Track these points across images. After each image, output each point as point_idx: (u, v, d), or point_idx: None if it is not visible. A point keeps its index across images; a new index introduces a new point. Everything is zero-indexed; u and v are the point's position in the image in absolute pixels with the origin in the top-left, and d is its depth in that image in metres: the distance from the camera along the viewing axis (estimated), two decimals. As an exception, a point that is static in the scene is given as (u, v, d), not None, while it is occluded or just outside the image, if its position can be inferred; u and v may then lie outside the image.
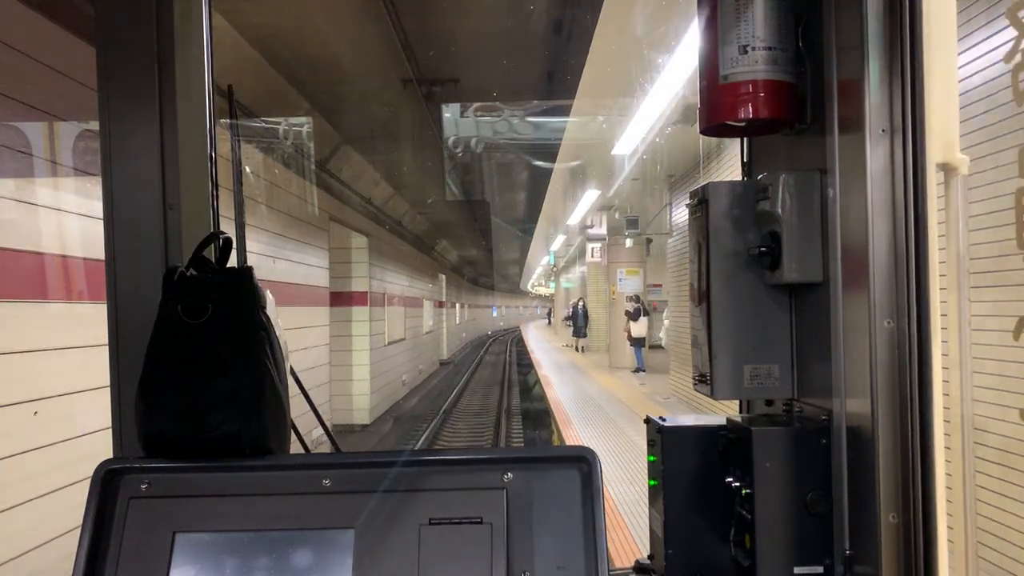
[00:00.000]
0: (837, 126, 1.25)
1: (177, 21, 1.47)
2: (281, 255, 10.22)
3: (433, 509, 1.15)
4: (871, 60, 1.16)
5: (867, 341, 1.17)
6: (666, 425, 1.47)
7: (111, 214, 1.45)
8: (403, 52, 8.82)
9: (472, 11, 7.98)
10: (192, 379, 1.22)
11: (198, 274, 1.27)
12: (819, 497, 1.28)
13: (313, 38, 8.49)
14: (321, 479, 1.19)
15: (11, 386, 4.00)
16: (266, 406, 1.25)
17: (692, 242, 1.49)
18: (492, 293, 69.87)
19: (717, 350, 1.40)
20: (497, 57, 9.29)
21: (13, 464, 3.96)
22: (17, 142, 4.13)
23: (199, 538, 1.14)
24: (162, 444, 1.22)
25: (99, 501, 1.17)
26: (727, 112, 1.35)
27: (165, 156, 1.46)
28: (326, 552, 1.13)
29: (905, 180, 1.15)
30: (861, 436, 1.20)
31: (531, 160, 14.41)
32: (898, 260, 1.16)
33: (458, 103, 11.43)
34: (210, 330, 1.23)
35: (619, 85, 8.59)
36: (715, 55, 1.35)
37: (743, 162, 1.61)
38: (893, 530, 1.15)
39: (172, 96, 1.46)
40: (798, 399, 1.41)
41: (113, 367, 1.44)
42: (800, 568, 1.29)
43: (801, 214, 1.32)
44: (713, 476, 1.42)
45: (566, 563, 1.13)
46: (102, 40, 1.46)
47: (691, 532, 1.42)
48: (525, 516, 1.15)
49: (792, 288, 1.39)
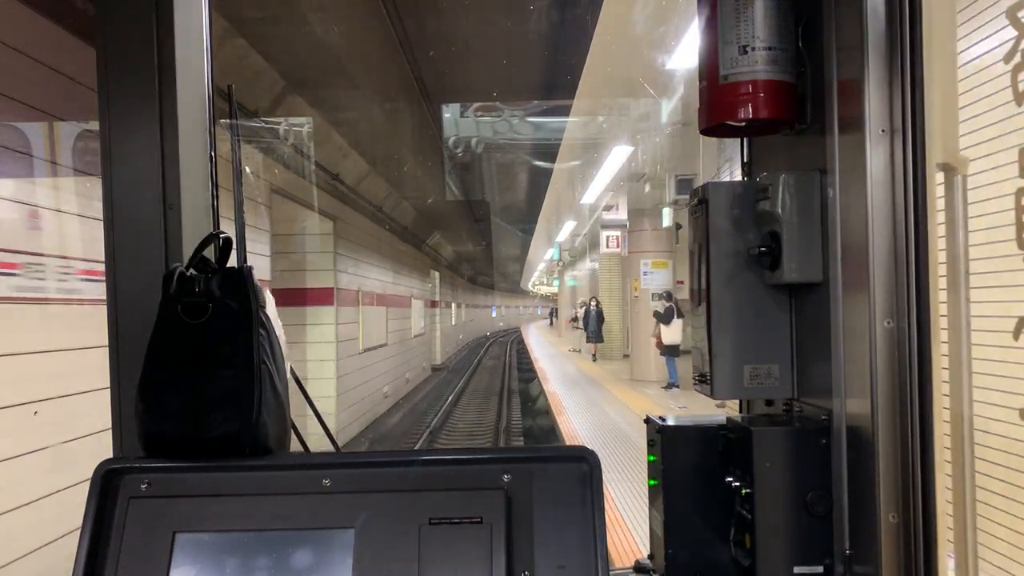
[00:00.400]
0: (837, 126, 1.25)
1: (177, 21, 1.47)
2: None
3: (433, 509, 1.15)
4: (871, 60, 1.17)
5: (867, 341, 1.17)
6: (666, 425, 1.47)
7: (111, 214, 1.45)
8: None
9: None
10: (192, 379, 1.22)
11: (198, 274, 1.27)
12: (819, 497, 1.28)
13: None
14: (321, 479, 1.19)
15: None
16: (266, 406, 1.25)
17: (692, 242, 1.49)
18: (491, 292, 67.90)
19: (717, 350, 1.40)
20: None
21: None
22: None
23: (199, 538, 1.14)
24: (162, 444, 1.22)
25: (99, 501, 1.17)
26: (727, 112, 1.35)
27: (165, 156, 1.46)
28: (326, 552, 1.13)
29: (905, 180, 1.15)
30: (861, 436, 1.20)
31: (535, 145, 12.71)
32: (898, 260, 1.16)
33: (458, 103, 11.34)
34: (210, 330, 1.24)
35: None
36: (715, 55, 1.35)
37: (743, 162, 1.61)
38: (893, 530, 1.15)
39: (172, 96, 1.46)
40: (798, 399, 1.41)
41: (113, 367, 1.44)
42: (800, 568, 1.29)
43: (801, 214, 1.32)
44: (713, 476, 1.42)
45: (566, 563, 1.13)
46: (102, 40, 1.46)
47: (691, 532, 1.42)
48: (525, 516, 1.15)
49: (792, 288, 1.39)
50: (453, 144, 12.31)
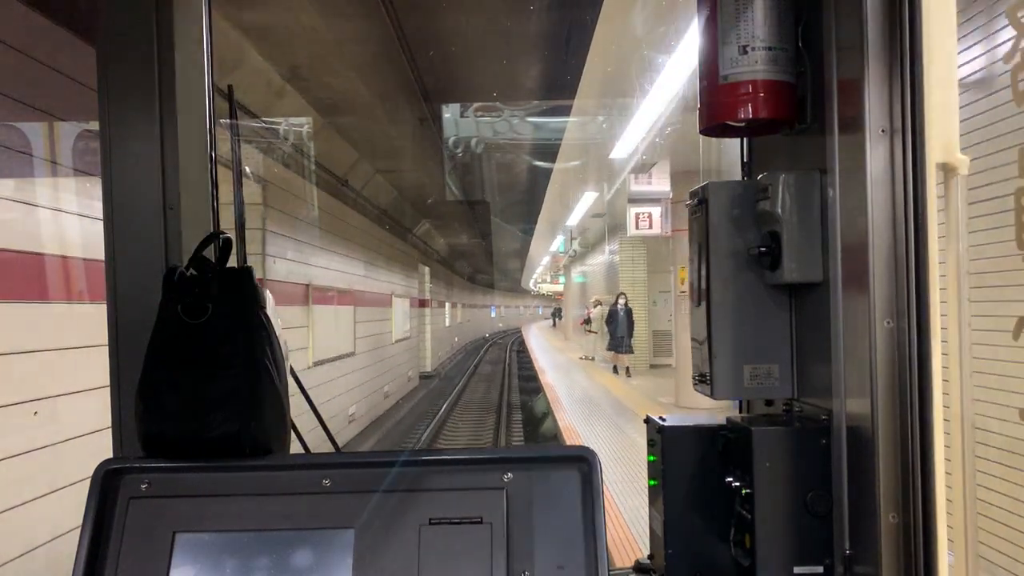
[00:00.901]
0: (837, 126, 1.25)
1: (177, 21, 1.47)
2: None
3: (433, 509, 1.15)
4: (871, 60, 1.16)
5: (867, 341, 1.17)
6: (666, 425, 1.47)
7: (111, 214, 1.46)
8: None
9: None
10: (192, 379, 1.22)
11: (198, 274, 1.27)
12: (819, 497, 1.28)
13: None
14: (321, 479, 1.19)
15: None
16: (266, 406, 1.25)
17: (692, 242, 1.49)
18: (491, 292, 64.40)
19: (717, 350, 1.40)
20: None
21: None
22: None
23: (199, 538, 1.14)
24: (162, 444, 1.22)
25: (99, 501, 1.17)
26: (727, 112, 1.35)
27: (165, 156, 1.46)
28: (326, 552, 1.13)
29: (905, 180, 1.15)
30: (861, 436, 1.20)
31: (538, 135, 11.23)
32: (898, 260, 1.16)
33: (458, 103, 11.23)
34: (210, 330, 1.24)
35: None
36: (715, 55, 1.35)
37: (743, 162, 1.61)
38: (893, 530, 1.15)
39: (172, 96, 1.46)
40: (798, 399, 1.41)
41: (113, 367, 1.44)
42: (800, 568, 1.29)
43: (801, 214, 1.32)
44: (713, 476, 1.42)
45: (566, 563, 1.13)
46: (102, 40, 1.46)
47: (691, 532, 1.42)
48: (525, 516, 1.15)
49: (792, 288, 1.39)
50: (454, 144, 12.22)
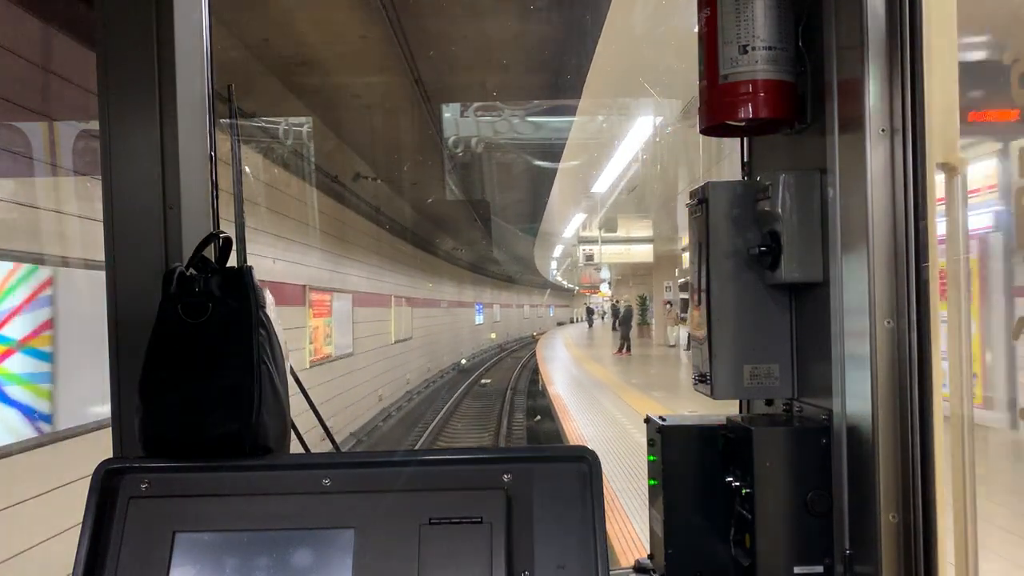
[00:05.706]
0: (837, 126, 1.25)
1: (177, 21, 1.47)
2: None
3: (433, 509, 1.15)
4: (871, 60, 1.16)
5: (867, 341, 1.17)
6: (666, 424, 1.47)
7: (111, 214, 1.46)
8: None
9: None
10: (192, 379, 1.22)
11: (198, 274, 1.27)
12: (819, 497, 1.28)
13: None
14: (321, 479, 1.19)
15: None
16: (266, 406, 1.25)
17: (692, 242, 1.49)
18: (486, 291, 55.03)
19: (717, 350, 1.40)
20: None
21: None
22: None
23: (199, 538, 1.14)
24: (162, 444, 1.22)
25: (99, 501, 1.17)
26: (727, 112, 1.35)
27: (165, 157, 1.46)
28: (326, 552, 1.13)
29: (905, 180, 1.15)
30: (861, 436, 1.20)
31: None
32: (898, 260, 1.16)
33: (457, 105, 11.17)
34: (210, 330, 1.24)
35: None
36: (715, 55, 1.35)
37: (743, 162, 1.61)
38: (893, 530, 1.15)
39: (172, 96, 1.46)
40: (798, 399, 1.41)
41: (113, 367, 1.44)
42: (800, 568, 1.29)
43: (801, 214, 1.32)
44: (713, 476, 1.42)
45: (566, 563, 1.13)
46: (102, 41, 1.46)
47: (691, 532, 1.42)
48: (525, 516, 1.15)
49: (792, 288, 1.39)
50: (454, 145, 12.19)
